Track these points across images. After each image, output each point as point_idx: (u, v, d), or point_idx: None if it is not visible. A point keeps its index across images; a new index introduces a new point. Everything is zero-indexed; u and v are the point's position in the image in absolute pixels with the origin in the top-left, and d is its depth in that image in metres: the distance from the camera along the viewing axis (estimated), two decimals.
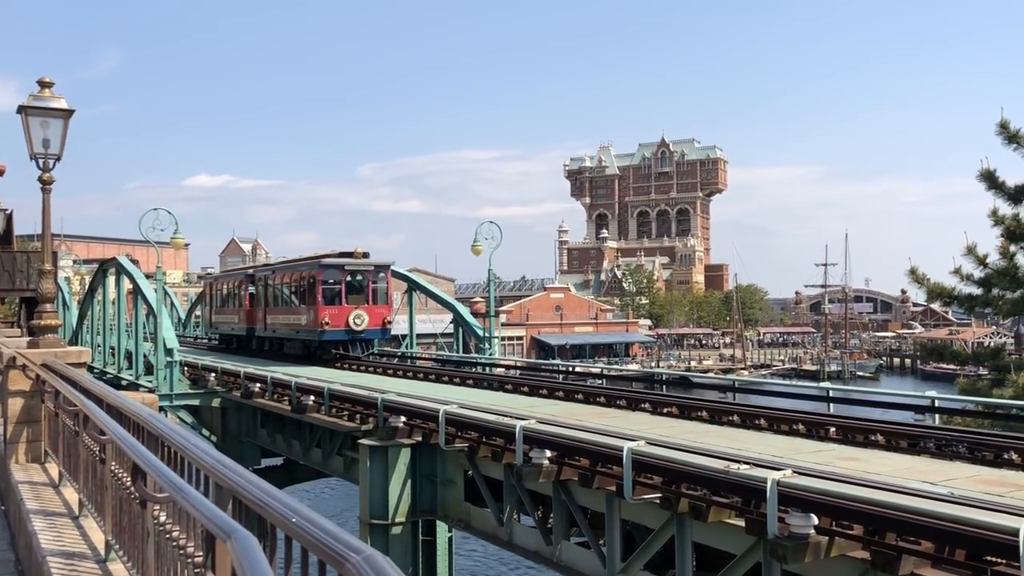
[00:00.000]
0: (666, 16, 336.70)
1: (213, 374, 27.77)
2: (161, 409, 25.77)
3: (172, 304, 62.36)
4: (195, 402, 27.62)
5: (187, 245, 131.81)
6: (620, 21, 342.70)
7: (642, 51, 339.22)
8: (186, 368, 29.06)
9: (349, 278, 30.63)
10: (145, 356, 30.13)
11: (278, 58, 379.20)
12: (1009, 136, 20.46)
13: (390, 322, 31.27)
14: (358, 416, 18.67)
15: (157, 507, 4.42)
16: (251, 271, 38.05)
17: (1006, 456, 11.69)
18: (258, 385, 24.02)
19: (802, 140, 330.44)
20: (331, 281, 30.65)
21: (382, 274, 31.25)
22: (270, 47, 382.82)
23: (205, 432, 27.95)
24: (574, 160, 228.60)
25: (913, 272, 21.70)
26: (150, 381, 28.25)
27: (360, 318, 30.06)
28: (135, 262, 35.91)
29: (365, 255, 31.07)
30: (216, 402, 27.06)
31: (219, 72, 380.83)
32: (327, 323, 29.73)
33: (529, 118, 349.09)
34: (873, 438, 13.42)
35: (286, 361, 31.03)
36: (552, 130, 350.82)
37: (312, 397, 20.53)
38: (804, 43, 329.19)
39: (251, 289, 36.90)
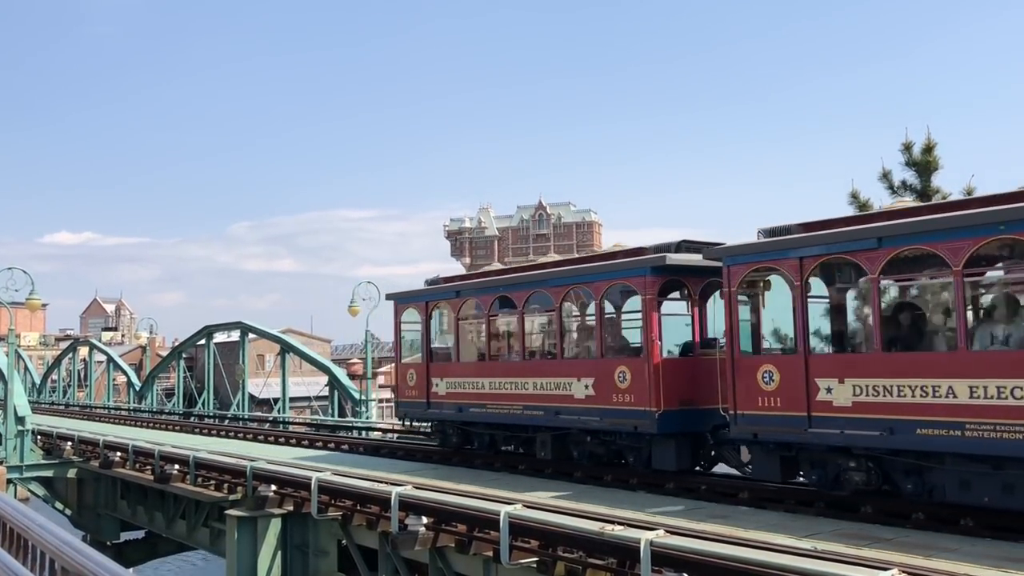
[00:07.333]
0: (543, 80, 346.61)
1: (70, 443, 26.16)
2: (10, 482, 24.10)
3: (26, 368, 58.74)
4: (48, 473, 25.95)
5: (44, 306, 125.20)
6: (501, 86, 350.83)
7: (521, 114, 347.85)
8: (39, 437, 27.29)
9: None
10: None
11: (146, 111, 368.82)
12: (859, 206, 21.81)
13: None
14: (226, 485, 17.91)
15: None
16: (663, 259, 14.11)
17: (863, 510, 12.18)
18: (119, 454, 22.78)
19: (673, 204, 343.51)
20: None
21: None
22: (136, 99, 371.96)
23: (59, 506, 26.30)
24: (454, 220, 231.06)
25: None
26: None
27: None
28: None
29: None
30: (72, 473, 25.48)
31: (84, 125, 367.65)
32: None
33: (409, 178, 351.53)
34: (741, 495, 13.76)
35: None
36: (432, 190, 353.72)
37: (177, 466, 19.59)
38: (668, 113, 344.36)
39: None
